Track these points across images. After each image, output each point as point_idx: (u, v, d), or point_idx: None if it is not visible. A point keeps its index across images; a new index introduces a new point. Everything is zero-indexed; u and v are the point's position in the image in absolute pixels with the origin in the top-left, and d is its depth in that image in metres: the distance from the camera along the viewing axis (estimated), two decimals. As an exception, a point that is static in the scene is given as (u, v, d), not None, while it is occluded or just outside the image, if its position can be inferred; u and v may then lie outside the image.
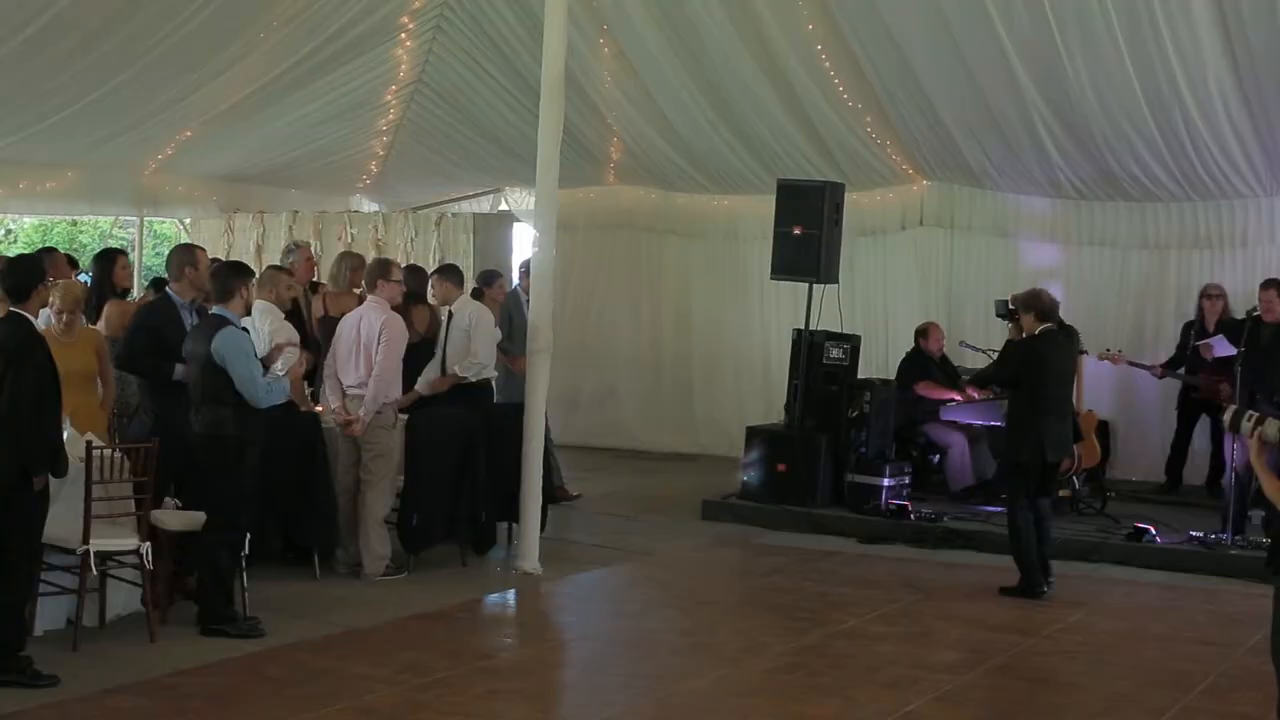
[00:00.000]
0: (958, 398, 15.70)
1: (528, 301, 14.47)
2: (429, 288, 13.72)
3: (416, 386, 13.04)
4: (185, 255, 11.24)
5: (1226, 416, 6.96)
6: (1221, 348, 14.83)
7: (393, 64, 17.21)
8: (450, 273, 13.65)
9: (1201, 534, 13.57)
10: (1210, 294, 15.84)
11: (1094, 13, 13.85)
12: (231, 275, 10.29)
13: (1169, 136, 15.28)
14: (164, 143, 17.14)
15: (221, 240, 18.49)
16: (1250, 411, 6.83)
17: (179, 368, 10.41)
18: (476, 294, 14.13)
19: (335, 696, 8.66)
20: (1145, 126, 15.18)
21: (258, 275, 12.20)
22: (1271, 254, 16.35)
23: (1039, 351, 12.05)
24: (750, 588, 12.47)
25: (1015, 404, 12.49)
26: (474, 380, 13.19)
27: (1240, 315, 14.64)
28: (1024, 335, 12.33)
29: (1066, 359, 12.46)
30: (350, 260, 13.85)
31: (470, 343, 13.11)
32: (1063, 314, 16.93)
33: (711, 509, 15.16)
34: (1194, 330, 15.81)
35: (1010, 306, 13.26)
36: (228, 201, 19.05)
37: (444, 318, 13.35)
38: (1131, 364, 15.70)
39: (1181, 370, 15.76)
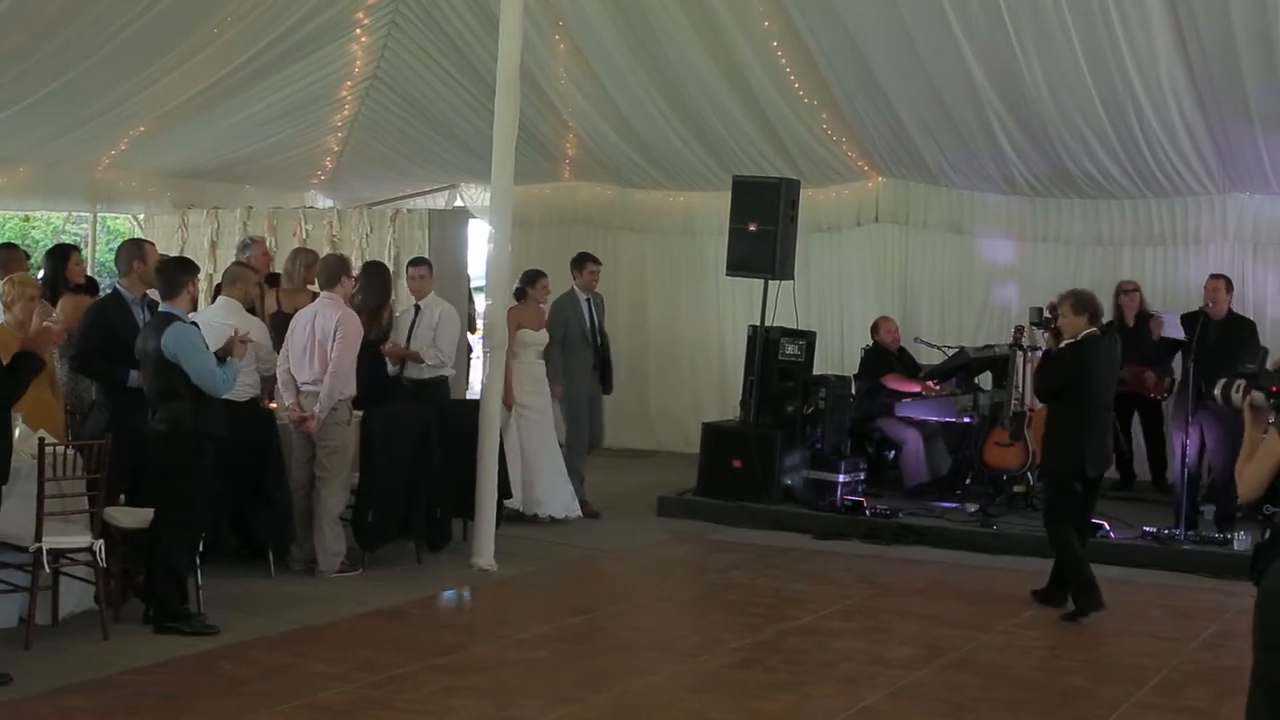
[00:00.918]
0: (920, 390, 15.74)
1: (589, 302, 14.97)
2: (409, 277, 13.59)
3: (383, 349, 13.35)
4: (134, 250, 11.18)
5: (1217, 390, 6.80)
6: (1171, 328, 14.89)
7: (348, 59, 17.14)
8: (430, 267, 13.75)
9: (1154, 529, 13.64)
10: (1126, 289, 15.92)
11: (1048, 10, 13.89)
12: (177, 271, 10.24)
13: (1123, 134, 15.35)
14: (117, 138, 17.04)
15: (175, 236, 18.38)
16: (1237, 380, 6.68)
17: (133, 374, 10.36)
18: (519, 294, 14.20)
19: (290, 694, 8.63)
20: (1099, 124, 15.25)
21: (224, 272, 12.21)
22: (1224, 250, 16.43)
23: (1082, 357, 11.34)
24: (706, 584, 12.48)
25: (1055, 414, 11.63)
26: (429, 376, 13.22)
27: (1192, 309, 14.70)
28: (1065, 338, 11.53)
29: (1111, 365, 11.61)
30: (304, 257, 13.79)
31: (435, 339, 13.16)
32: (1017, 310, 17.19)
33: (667, 505, 15.18)
34: (1114, 329, 15.84)
35: (1048, 314, 12.87)
36: (182, 197, 18.94)
37: (408, 312, 13.37)
38: None
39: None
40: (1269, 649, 6.22)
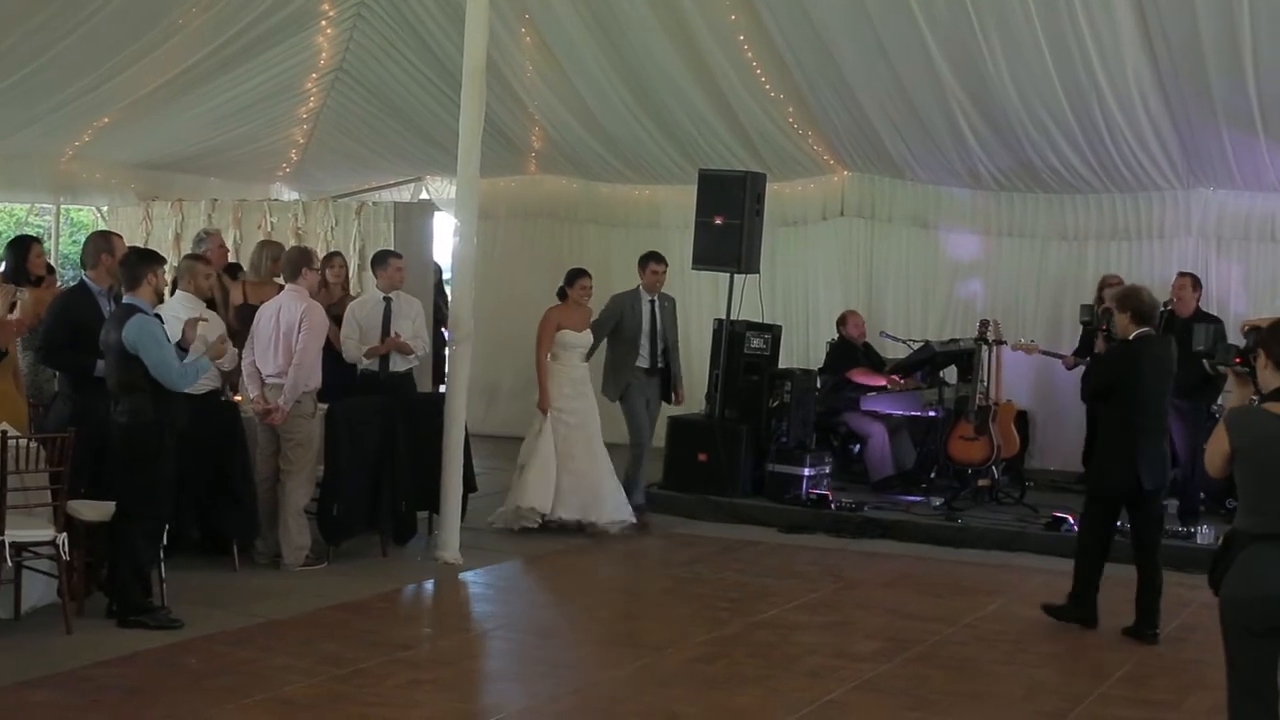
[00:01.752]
0: (885, 384, 15.76)
1: (655, 303, 14.36)
2: (392, 269, 13.51)
3: (364, 354, 13.11)
4: (102, 242, 11.14)
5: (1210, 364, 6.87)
6: None
7: (313, 51, 17.10)
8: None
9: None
10: (1110, 284, 15.94)
11: (1014, 5, 13.92)
12: (140, 263, 10.18)
13: (1087, 129, 15.39)
14: (81, 130, 16.97)
15: (140, 228, 18.30)
16: (1233, 346, 6.78)
17: (100, 363, 10.32)
18: (561, 294, 14.00)
19: (254, 688, 8.61)
20: (1064, 118, 15.29)
21: (178, 265, 12.15)
22: (1188, 245, 16.50)
23: (1133, 360, 10.48)
24: (672, 577, 12.47)
25: (1104, 422, 10.96)
26: (404, 369, 13.20)
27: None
28: (1117, 339, 10.83)
29: (1161, 368, 10.60)
30: (270, 249, 13.73)
31: (414, 330, 13.15)
32: (982, 304, 17.23)
33: (633, 499, 15.17)
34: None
35: (1095, 313, 12.66)
36: (146, 189, 18.87)
37: (376, 305, 13.30)
38: (1045, 352, 15.78)
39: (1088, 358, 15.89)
40: (1232, 647, 6.37)
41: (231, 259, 15.32)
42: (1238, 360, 6.67)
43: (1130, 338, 10.52)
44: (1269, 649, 6.36)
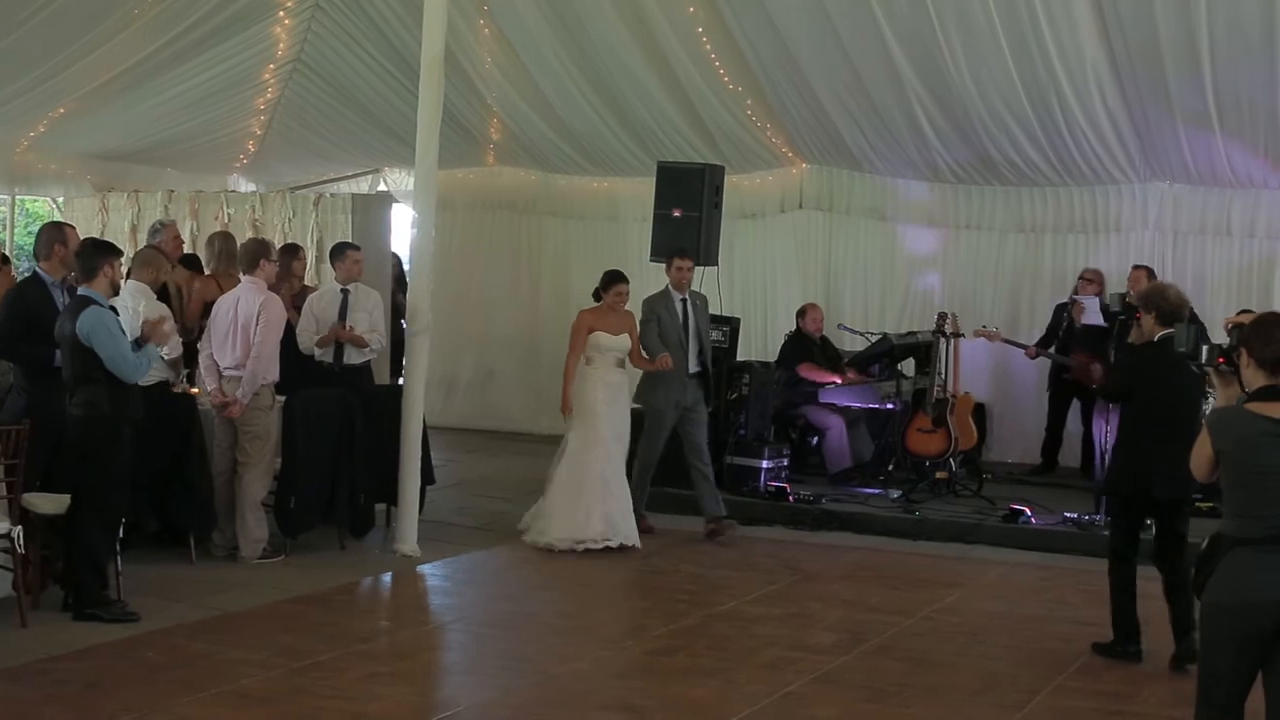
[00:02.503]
0: (838, 380, 15.77)
1: (686, 302, 13.66)
2: (351, 261, 13.45)
3: (315, 344, 13.05)
4: (55, 233, 11.08)
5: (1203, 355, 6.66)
6: (1093, 314, 14.97)
7: (271, 42, 17.03)
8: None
9: (1075, 515, 13.73)
10: (1086, 277, 16.01)
11: (972, 1, 13.96)
12: (95, 254, 10.13)
13: (1045, 122, 15.45)
14: (36, 120, 16.88)
15: (96, 219, 18.22)
16: (1217, 345, 6.60)
17: (58, 354, 10.26)
18: (597, 295, 13.41)
19: (211, 681, 8.58)
20: (1022, 112, 15.34)
21: (134, 255, 12.09)
22: (1144, 238, 16.59)
23: (1156, 363, 9.73)
24: (630, 570, 12.46)
25: (1123, 424, 10.22)
26: (359, 361, 13.17)
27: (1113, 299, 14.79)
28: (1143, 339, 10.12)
29: (1192, 373, 9.62)
30: (223, 242, 13.74)
31: (371, 322, 13.12)
32: (940, 297, 17.27)
33: (591, 491, 15.15)
34: (1066, 312, 16.00)
35: (1125, 305, 12.40)
36: (102, 180, 18.79)
37: (333, 296, 13.28)
38: (1007, 341, 15.83)
39: (1053, 349, 15.95)
40: (1213, 656, 6.28)
41: (188, 250, 15.24)
42: (1221, 360, 6.52)
43: (1155, 339, 9.77)
44: (1248, 657, 6.16)
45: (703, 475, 13.47)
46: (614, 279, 13.33)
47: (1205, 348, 6.68)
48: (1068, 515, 13.79)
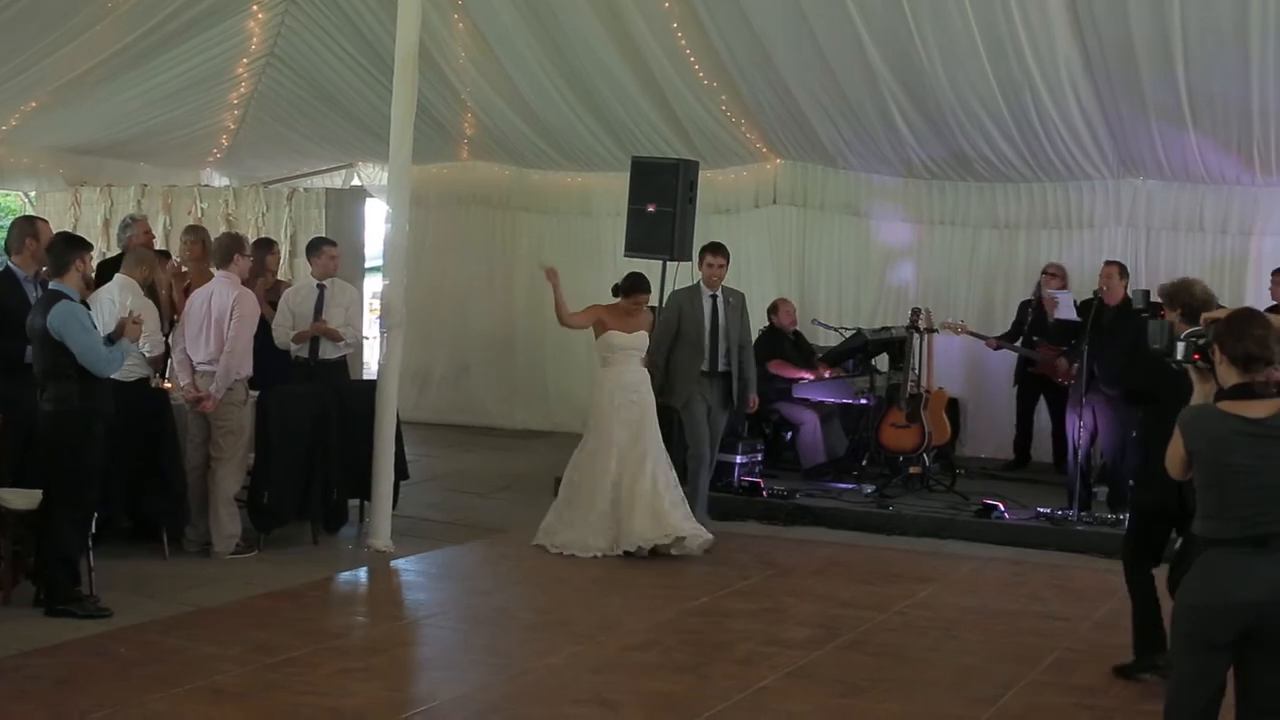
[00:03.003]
0: (809, 376, 15.77)
1: (716, 299, 13.37)
2: (327, 257, 13.43)
3: (291, 339, 13.06)
4: (27, 227, 11.06)
5: (1179, 351, 6.53)
6: (1066, 308, 15.00)
7: (244, 36, 16.99)
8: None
9: (1048, 510, 13.76)
10: (1049, 272, 16.07)
11: (947, -4, 14.02)
12: (67, 249, 10.11)
13: (1019, 118, 15.47)
14: (8, 114, 16.82)
15: (68, 214, 18.20)
16: (1192, 341, 6.46)
17: (29, 349, 10.23)
18: (615, 292, 12.95)
19: (184, 677, 8.56)
20: (996, 108, 15.36)
21: (129, 251, 12.11)
22: (1117, 234, 16.64)
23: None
24: (604, 565, 12.45)
25: (1148, 428, 9.52)
26: (335, 356, 13.16)
27: (1086, 295, 14.82)
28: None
29: None
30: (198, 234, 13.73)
31: (347, 317, 13.11)
32: (913, 292, 17.29)
33: (565, 486, 15.15)
34: (1030, 308, 16.06)
35: (1153, 300, 11.57)
36: (74, 174, 18.75)
37: (310, 291, 13.27)
38: (970, 333, 15.85)
39: (1018, 343, 16.00)
40: (1183, 658, 6.21)
41: (160, 246, 15.22)
42: (1196, 356, 6.43)
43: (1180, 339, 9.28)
44: (1219, 661, 6.11)
45: (700, 477, 13.35)
46: (638, 287, 12.80)
47: (1180, 344, 6.61)
48: (1040, 510, 13.82)
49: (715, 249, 13.57)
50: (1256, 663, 6.09)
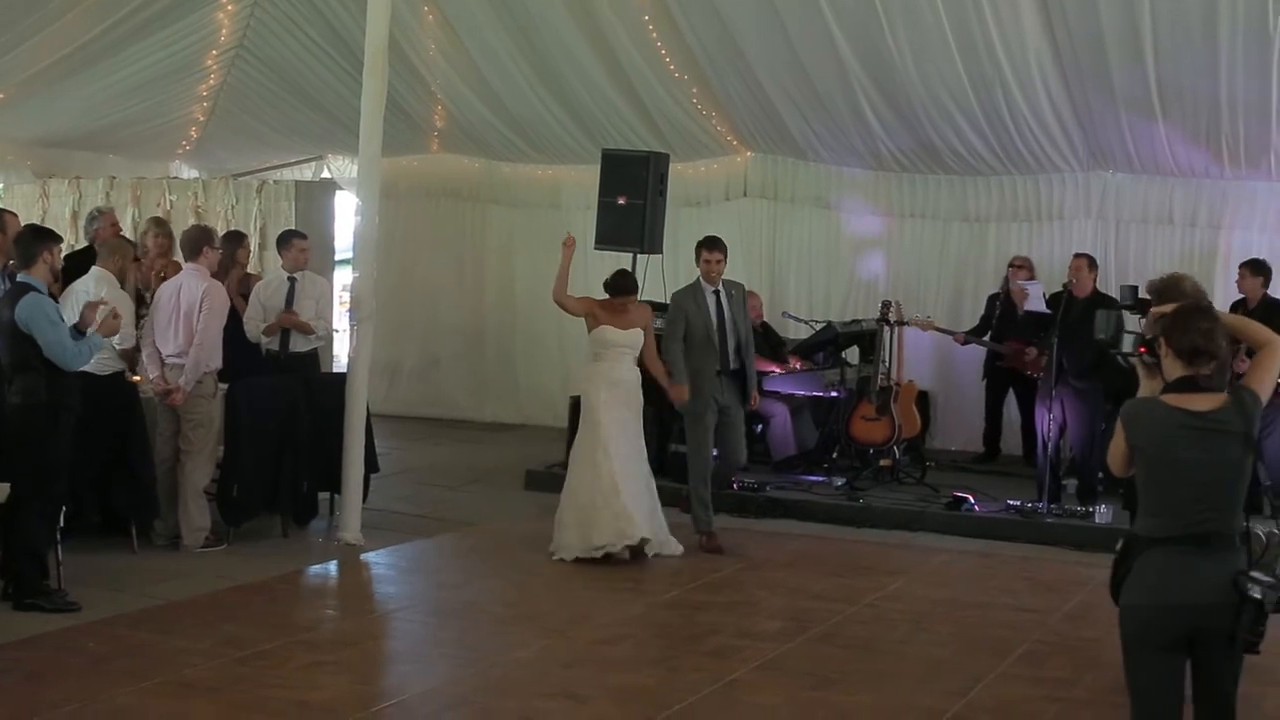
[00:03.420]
0: (778, 370, 15.76)
1: (719, 294, 12.71)
2: (297, 250, 13.39)
3: (262, 333, 13.05)
4: (-6, 220, 11.03)
5: (1125, 343, 6.42)
6: (1036, 300, 15.01)
7: (213, 28, 16.92)
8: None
9: (1018, 503, 13.79)
10: (1015, 264, 16.11)
11: (917, -11, 14.02)
12: (35, 241, 10.08)
13: (989, 112, 15.48)
14: (-25, 106, 16.77)
15: (36, 206, 18.11)
16: (1139, 334, 6.36)
17: (-1, 342, 10.21)
18: (607, 288, 12.50)
19: (153, 671, 8.55)
20: (966, 102, 15.36)
21: (102, 243, 12.06)
22: (1087, 227, 16.65)
23: None
24: (574, 559, 12.44)
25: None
26: (306, 349, 13.14)
27: (1056, 288, 14.84)
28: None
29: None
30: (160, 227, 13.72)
31: (319, 310, 13.08)
32: (884, 285, 17.29)
33: (535, 479, 15.15)
34: (999, 301, 16.08)
35: (1142, 296, 11.95)
36: (43, 167, 18.65)
37: (280, 284, 13.24)
38: (939, 329, 15.87)
39: (986, 337, 16.03)
40: (1132, 662, 6.02)
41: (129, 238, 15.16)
42: (1143, 350, 6.33)
43: None
44: (1170, 666, 5.95)
45: (722, 487, 12.93)
46: (621, 289, 12.38)
47: (1128, 336, 6.53)
48: (1010, 503, 13.85)
49: (712, 244, 12.92)
50: (1205, 665, 5.95)
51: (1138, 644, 5.98)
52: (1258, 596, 5.74)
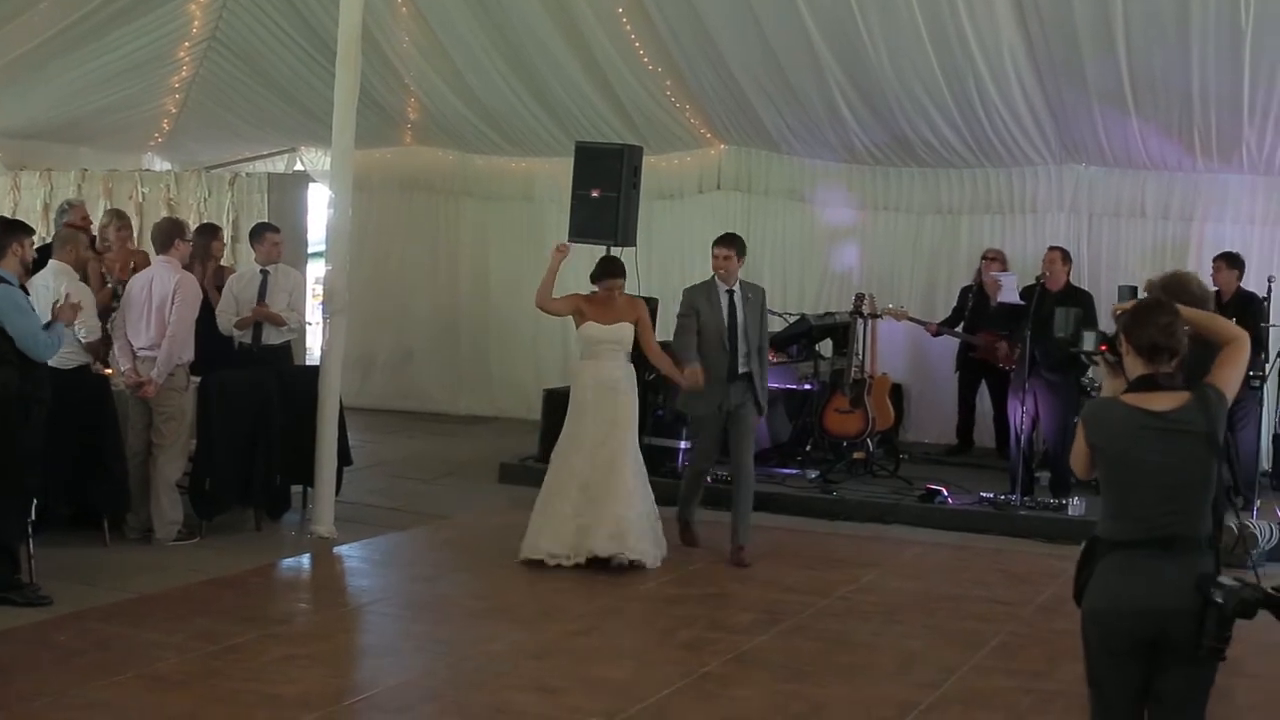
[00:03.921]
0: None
1: (733, 294, 12.01)
2: (270, 243, 13.35)
3: (234, 326, 13.00)
4: (-34, 213, 10.98)
5: (1086, 341, 6.16)
6: (1009, 291, 15.04)
7: (185, 19, 16.86)
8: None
9: (991, 495, 13.83)
10: (988, 256, 16.15)
11: (890, -20, 14.03)
12: (5, 233, 10.03)
13: (962, 104, 15.50)
14: (-56, 98, 16.71)
15: (7, 198, 18.05)
16: (1101, 333, 6.11)
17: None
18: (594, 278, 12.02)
19: (125, 664, 8.52)
20: (939, 94, 15.38)
21: (55, 235, 12.00)
22: (1060, 220, 16.69)
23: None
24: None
25: None
26: (279, 341, 13.12)
27: (1029, 280, 14.86)
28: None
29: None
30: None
31: (291, 303, 13.07)
32: (857, 278, 17.31)
33: (509, 472, 15.15)
34: (971, 294, 16.11)
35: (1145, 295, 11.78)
36: (13, 159, 18.59)
37: (253, 278, 13.21)
38: (912, 319, 15.88)
39: (958, 328, 16.06)
40: (1094, 665, 5.84)
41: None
42: (1104, 348, 6.13)
43: None
44: (1131, 671, 5.75)
45: (743, 494, 12.04)
46: (608, 270, 11.90)
47: (1088, 334, 6.34)
48: (984, 495, 13.90)
49: (722, 240, 12.19)
50: (1167, 670, 5.70)
51: (1100, 649, 5.82)
52: (1219, 601, 5.51)
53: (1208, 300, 7.36)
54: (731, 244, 12.09)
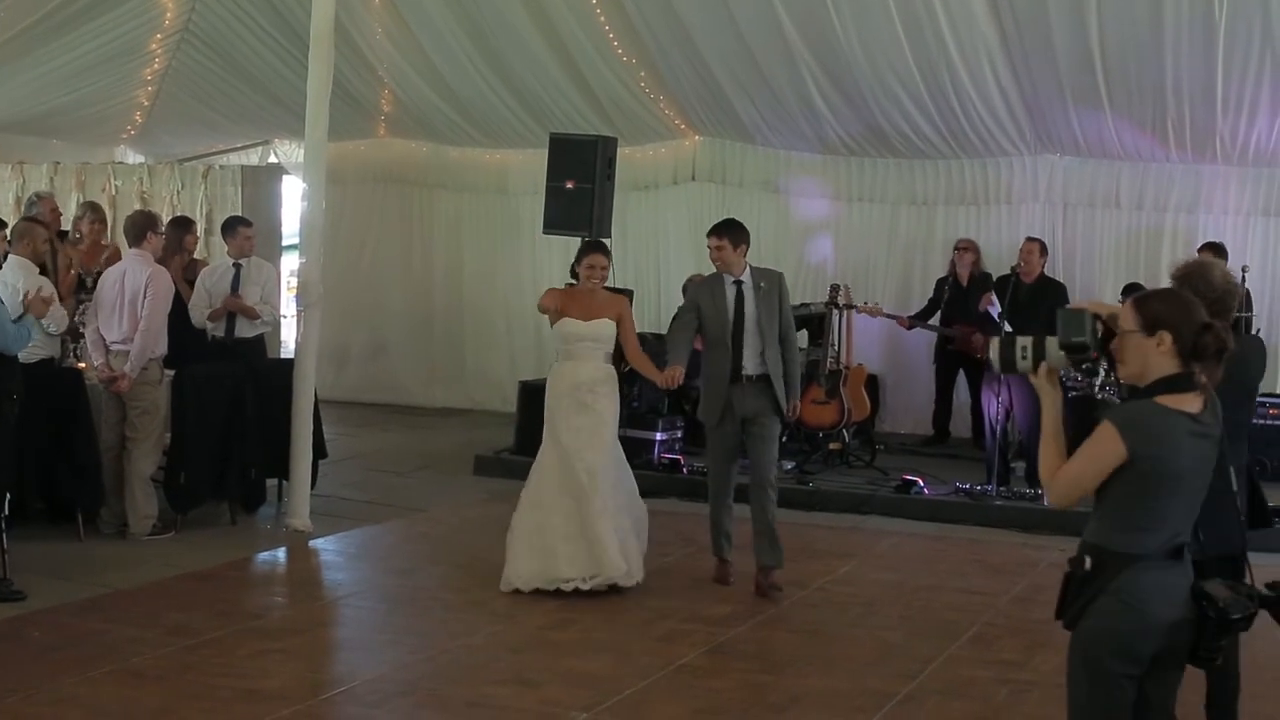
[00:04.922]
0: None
1: (742, 286, 10.83)
2: (243, 237, 13.32)
3: (207, 318, 12.98)
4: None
5: (993, 355, 5.67)
6: (994, 310, 15.09)
7: (158, 11, 16.79)
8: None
9: (967, 485, 13.84)
10: (960, 247, 16.18)
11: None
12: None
13: (936, 95, 15.50)
14: (-85, 90, 16.62)
15: (-20, 192, 18.01)
16: (1021, 341, 5.61)
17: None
18: (574, 273, 11.57)
19: (100, 660, 8.49)
20: (913, 85, 15.38)
21: (11, 228, 11.93)
22: (1035, 210, 16.71)
23: None
24: (523, 543, 12.43)
25: None
26: (252, 335, 13.09)
27: (1004, 271, 14.86)
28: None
29: (1241, 382, 7.02)
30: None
31: (264, 295, 13.06)
32: (832, 268, 17.31)
33: (484, 464, 15.13)
34: (947, 284, 16.13)
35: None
36: (-15, 152, 18.55)
37: (225, 271, 13.19)
38: (886, 314, 15.90)
39: (932, 321, 16.08)
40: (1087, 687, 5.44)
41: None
42: (1095, 356, 5.58)
43: None
44: (1130, 686, 5.36)
45: (760, 509, 10.80)
46: (590, 248, 10.91)
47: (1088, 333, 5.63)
48: (960, 485, 13.91)
49: (718, 230, 10.95)
50: (1154, 676, 5.42)
51: (1118, 673, 5.35)
52: (1220, 608, 5.23)
53: (1231, 293, 6.80)
54: (722, 233, 10.85)
